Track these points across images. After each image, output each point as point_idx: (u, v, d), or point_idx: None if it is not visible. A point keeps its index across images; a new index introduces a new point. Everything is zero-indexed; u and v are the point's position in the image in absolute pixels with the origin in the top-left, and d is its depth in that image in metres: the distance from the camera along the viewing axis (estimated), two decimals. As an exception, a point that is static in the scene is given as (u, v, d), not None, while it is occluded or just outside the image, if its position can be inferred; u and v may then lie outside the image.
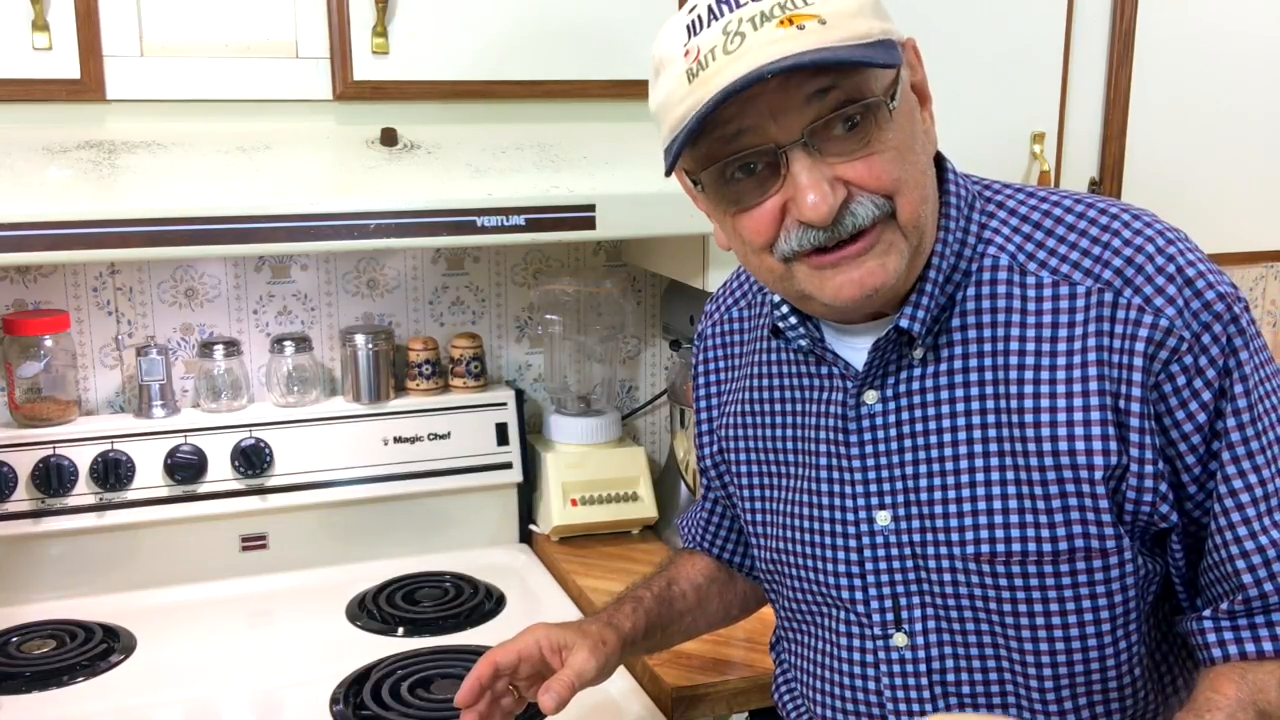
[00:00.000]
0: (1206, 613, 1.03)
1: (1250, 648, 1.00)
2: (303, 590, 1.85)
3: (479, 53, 1.63)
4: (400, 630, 1.71)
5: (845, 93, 0.95)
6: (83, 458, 1.78)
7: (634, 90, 1.70)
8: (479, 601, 1.78)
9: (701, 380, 1.32)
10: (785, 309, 1.13)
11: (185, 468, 1.81)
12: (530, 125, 1.68)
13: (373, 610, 1.76)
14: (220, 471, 1.84)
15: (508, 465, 1.99)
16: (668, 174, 1.02)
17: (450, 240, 1.54)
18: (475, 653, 1.61)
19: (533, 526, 2.04)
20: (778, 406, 1.20)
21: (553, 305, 2.07)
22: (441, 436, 1.96)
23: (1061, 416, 1.01)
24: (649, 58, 1.03)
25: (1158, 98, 1.95)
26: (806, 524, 1.16)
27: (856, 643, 1.14)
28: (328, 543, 1.92)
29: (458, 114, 1.66)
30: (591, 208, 1.58)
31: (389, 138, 1.59)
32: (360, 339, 1.93)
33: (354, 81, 1.58)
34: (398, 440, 1.93)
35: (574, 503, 1.97)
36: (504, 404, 2.00)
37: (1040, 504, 1.03)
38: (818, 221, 0.96)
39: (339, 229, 1.48)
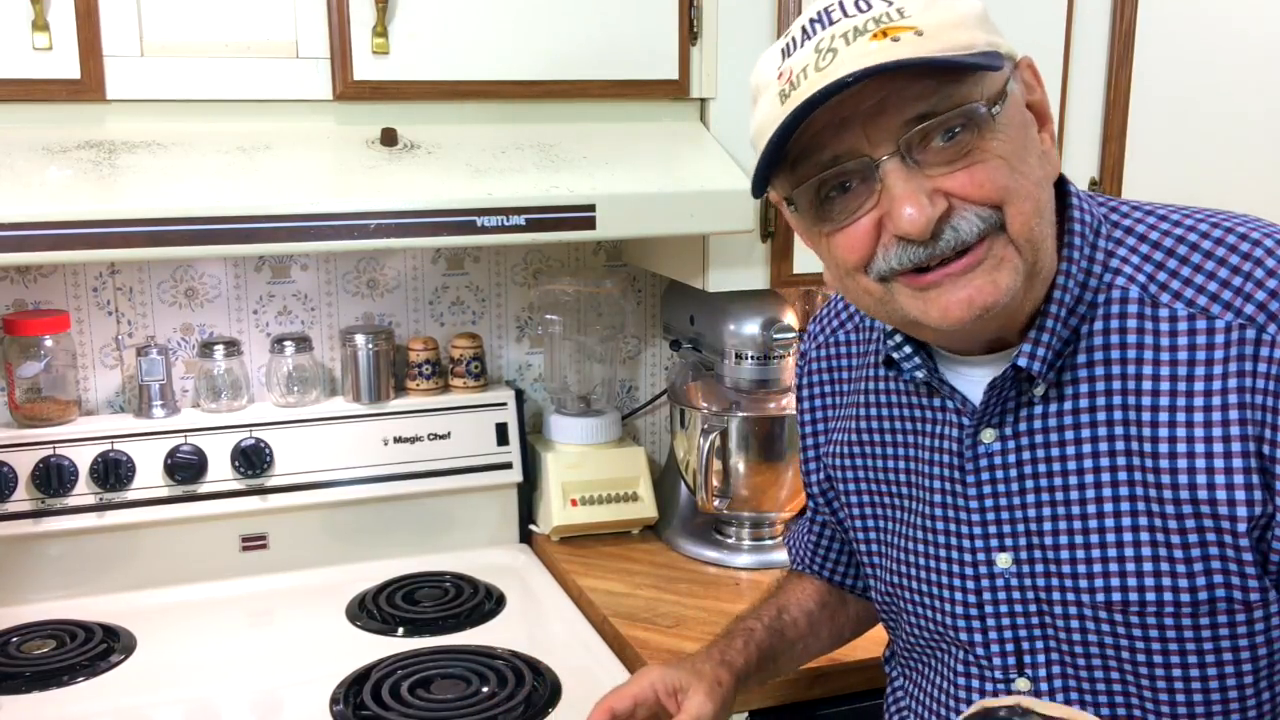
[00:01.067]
0: None
1: None
2: (303, 590, 1.85)
3: (479, 53, 1.63)
4: (400, 630, 1.70)
5: (947, 104, 0.90)
6: (83, 458, 1.78)
7: (634, 90, 1.71)
8: (479, 601, 1.78)
9: (806, 405, 1.27)
10: (899, 338, 1.07)
11: (185, 468, 1.81)
12: (530, 125, 1.68)
13: (373, 610, 1.76)
14: (220, 471, 1.84)
15: (508, 465, 1.99)
16: (756, 195, 0.98)
17: (450, 240, 1.54)
18: (475, 653, 1.61)
19: (533, 526, 2.04)
20: (889, 438, 1.15)
21: (553, 305, 2.07)
22: (441, 436, 1.96)
23: (1200, 461, 0.95)
24: (748, 86, 1.00)
25: (1158, 98, 1.95)
26: (922, 560, 1.12)
27: (975, 684, 1.09)
28: (328, 543, 1.92)
29: (458, 114, 1.65)
30: (591, 208, 1.58)
31: (389, 138, 1.59)
32: (360, 339, 1.93)
33: (354, 81, 1.58)
34: (398, 440, 1.93)
35: (574, 503, 1.97)
36: (504, 404, 2.00)
37: (1177, 553, 0.96)
38: (915, 234, 0.90)
39: (339, 229, 1.48)
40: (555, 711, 1.47)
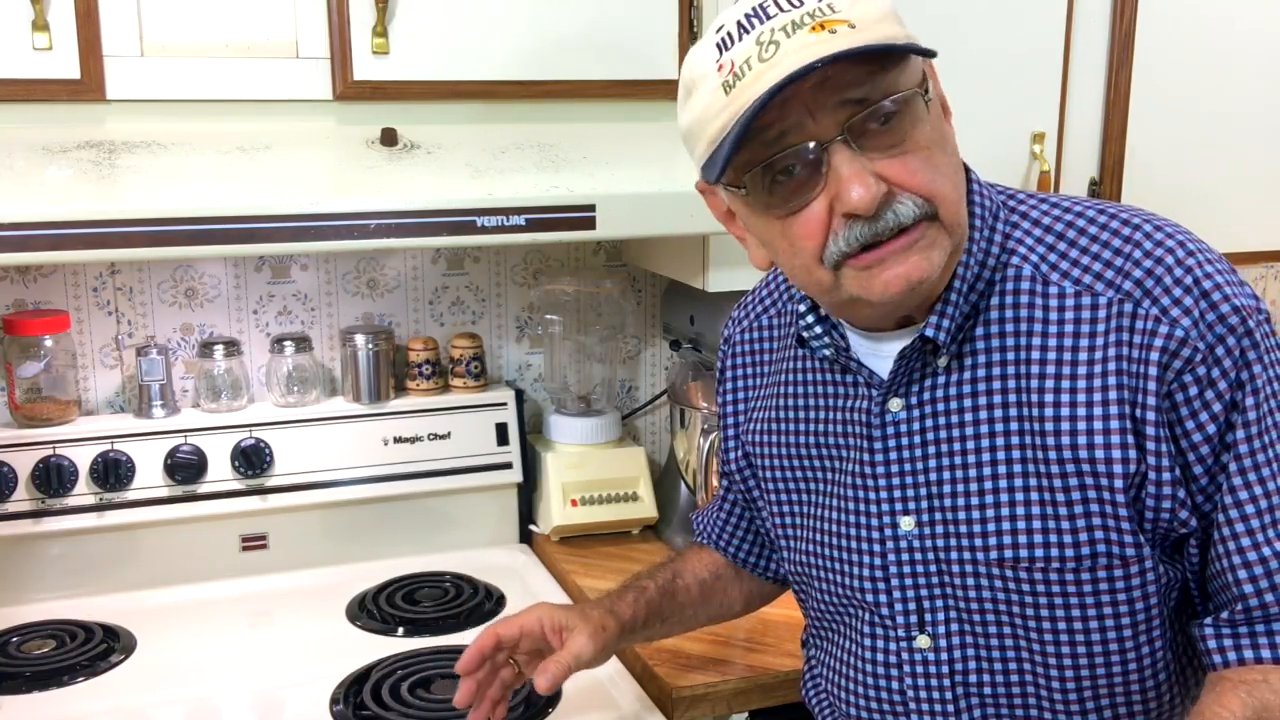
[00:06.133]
0: (1209, 620, 1.05)
1: (1249, 654, 1.02)
2: (303, 590, 1.85)
3: (479, 53, 1.63)
4: (400, 630, 1.71)
5: (880, 90, 0.96)
6: (83, 458, 1.78)
7: (634, 90, 1.71)
8: (479, 601, 1.78)
9: (729, 385, 1.33)
10: (810, 319, 1.14)
11: (185, 468, 1.81)
12: (530, 125, 1.68)
13: (373, 610, 1.76)
14: (220, 471, 1.84)
15: (508, 465, 1.99)
16: (716, 181, 1.01)
17: (450, 240, 1.54)
18: (475, 653, 1.61)
19: (533, 526, 2.04)
20: (804, 414, 1.21)
21: (553, 305, 2.07)
22: (441, 436, 1.96)
23: (1082, 425, 1.03)
24: (680, 82, 1.03)
25: (1158, 98, 1.95)
26: (833, 528, 1.18)
27: (880, 644, 1.16)
28: (328, 543, 1.92)
29: (458, 114, 1.65)
30: (591, 208, 1.58)
31: (389, 138, 1.59)
32: (360, 339, 1.93)
33: (354, 81, 1.58)
34: (398, 440, 1.93)
35: (574, 503, 1.97)
36: (504, 404, 2.00)
37: (1062, 510, 1.04)
38: (862, 210, 0.96)
39: (339, 229, 1.48)
40: (555, 711, 1.47)
